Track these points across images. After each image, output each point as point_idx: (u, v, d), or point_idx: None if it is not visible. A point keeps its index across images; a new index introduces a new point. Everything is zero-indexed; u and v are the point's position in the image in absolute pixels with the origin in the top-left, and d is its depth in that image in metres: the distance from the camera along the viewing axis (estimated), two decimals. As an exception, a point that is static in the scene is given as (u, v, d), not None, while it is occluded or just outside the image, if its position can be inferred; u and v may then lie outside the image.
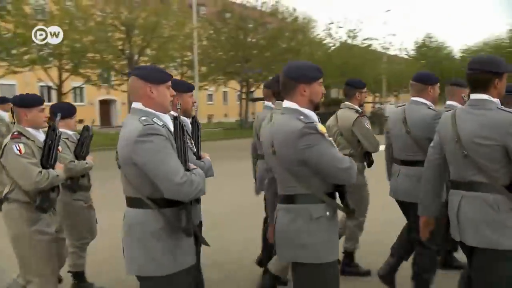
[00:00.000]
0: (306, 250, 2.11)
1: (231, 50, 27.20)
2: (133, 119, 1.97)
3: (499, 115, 2.24)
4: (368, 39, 35.43)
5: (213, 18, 28.31)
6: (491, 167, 2.25)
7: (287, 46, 28.12)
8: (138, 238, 1.96)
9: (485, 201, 2.25)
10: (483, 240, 2.23)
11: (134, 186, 1.99)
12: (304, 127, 2.03)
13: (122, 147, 1.97)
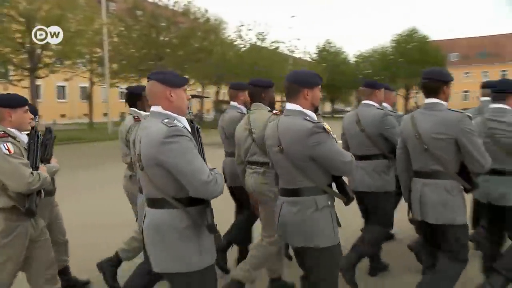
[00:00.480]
0: (317, 236, 2.32)
1: (144, 48, 26.31)
2: (155, 121, 2.00)
3: (449, 114, 2.69)
4: (276, 42, 36.78)
5: (123, 14, 27.10)
6: (446, 158, 2.68)
7: (199, 45, 27.97)
8: (166, 237, 1.97)
9: (442, 187, 2.69)
10: (442, 218, 2.68)
11: (158, 187, 1.98)
12: (314, 126, 2.25)
13: (146, 149, 1.97)
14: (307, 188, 2.34)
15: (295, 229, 2.36)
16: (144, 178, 2.05)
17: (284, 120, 2.40)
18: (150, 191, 2.04)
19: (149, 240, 2.05)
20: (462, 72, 58.88)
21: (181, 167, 1.90)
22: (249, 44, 34.80)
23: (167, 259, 1.99)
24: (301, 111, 2.36)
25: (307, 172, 2.32)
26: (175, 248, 1.96)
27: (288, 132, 2.32)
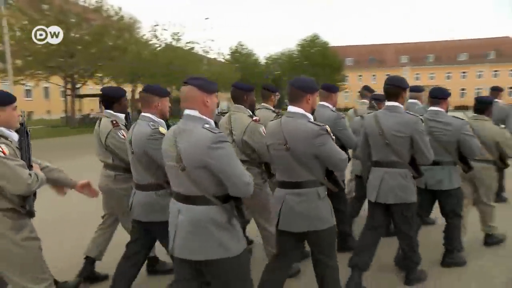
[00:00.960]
0: (320, 220, 2.64)
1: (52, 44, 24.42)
2: (195, 125, 2.13)
3: (407, 116, 3.19)
4: (191, 43, 36.72)
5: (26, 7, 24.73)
6: (402, 151, 3.20)
7: (113, 44, 26.81)
8: (208, 229, 2.13)
9: (399, 174, 3.21)
10: (398, 198, 3.23)
11: (200, 186, 2.12)
12: (320, 129, 2.52)
13: (190, 152, 2.08)
14: (310, 181, 2.61)
15: (299, 216, 2.61)
16: (182, 178, 2.14)
17: (289, 121, 2.62)
18: (189, 189, 2.14)
19: (187, 232, 2.17)
20: (356, 75, 64.62)
21: (228, 170, 2.09)
22: (164, 43, 34.24)
23: (209, 248, 2.14)
24: (304, 114, 2.62)
25: (310, 168, 2.59)
26: (216, 238, 2.14)
27: (296, 133, 2.54)
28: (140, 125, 2.81)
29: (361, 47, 68.81)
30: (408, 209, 3.30)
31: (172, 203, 2.29)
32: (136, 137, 2.78)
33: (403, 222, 3.33)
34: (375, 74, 64.21)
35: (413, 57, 63.75)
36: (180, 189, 2.20)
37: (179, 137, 2.14)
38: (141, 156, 2.77)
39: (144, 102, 2.93)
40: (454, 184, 3.69)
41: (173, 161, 2.17)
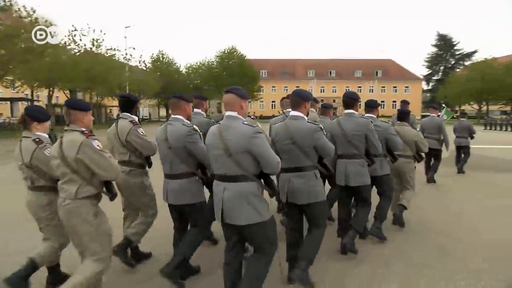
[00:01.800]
0: (317, 194, 3.27)
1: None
2: (238, 122, 2.69)
3: (362, 120, 4.01)
4: (112, 50, 35.53)
5: None
6: (360, 146, 3.99)
7: (26, 46, 24.58)
8: (249, 200, 2.64)
9: (357, 163, 4.00)
10: (359, 181, 4.01)
11: (243, 167, 2.63)
12: (317, 127, 3.23)
13: (236, 142, 2.61)
14: (309, 166, 3.27)
15: (303, 192, 3.23)
16: (228, 162, 2.63)
17: (293, 123, 3.29)
18: (233, 170, 2.64)
19: (233, 203, 2.64)
20: (270, 86, 67.56)
21: (265, 153, 2.62)
22: (83, 49, 32.63)
23: (252, 214, 2.63)
24: (303, 116, 3.31)
25: (309, 155, 3.25)
26: (256, 207, 2.65)
27: (300, 130, 3.21)
28: (175, 126, 3.27)
29: (274, 61, 71.89)
30: (365, 190, 4.14)
31: (216, 184, 2.78)
32: (173, 135, 3.23)
33: (363, 201, 4.18)
34: (287, 86, 67.85)
35: (318, 72, 68.49)
36: (225, 171, 2.68)
37: (225, 132, 2.67)
38: (178, 150, 3.21)
39: (174, 106, 3.40)
40: (385, 171, 4.48)
41: (220, 150, 2.67)
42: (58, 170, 2.74)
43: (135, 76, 40.26)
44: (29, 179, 3.09)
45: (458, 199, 6.69)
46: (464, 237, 4.64)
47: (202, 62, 54.41)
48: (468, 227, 5.08)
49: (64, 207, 2.70)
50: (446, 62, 69.96)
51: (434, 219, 5.46)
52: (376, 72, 68.63)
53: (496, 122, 33.61)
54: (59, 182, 2.78)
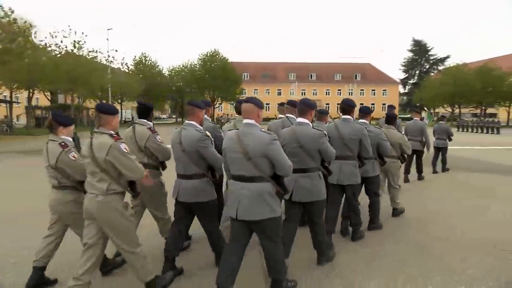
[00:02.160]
0: (319, 193, 3.61)
1: None
2: (256, 129, 2.95)
3: (357, 125, 4.27)
4: (94, 52, 34.83)
5: None
6: (354, 149, 4.24)
7: (4, 47, 23.85)
8: (264, 198, 2.92)
9: (351, 164, 4.25)
10: (350, 180, 4.26)
11: (260, 169, 2.90)
12: (322, 133, 3.56)
13: (255, 147, 2.87)
14: (314, 167, 3.60)
15: (308, 191, 3.57)
16: (247, 164, 2.89)
17: (299, 128, 3.61)
18: (251, 172, 2.90)
19: (249, 201, 2.90)
20: (252, 88, 67.57)
21: (280, 158, 2.89)
22: (64, 51, 31.82)
23: (266, 210, 2.91)
24: (308, 123, 3.64)
25: (314, 158, 3.58)
26: (270, 204, 2.92)
27: (306, 136, 3.53)
28: (188, 131, 3.47)
29: (256, 64, 72.10)
30: (356, 188, 4.46)
31: (232, 183, 3.03)
32: (187, 139, 3.42)
33: (353, 198, 4.44)
34: (269, 89, 68.12)
35: (299, 75, 69.08)
36: (244, 172, 2.94)
37: (244, 138, 2.93)
38: (191, 153, 3.41)
39: (189, 113, 3.57)
40: (376, 172, 4.88)
41: (238, 154, 2.92)
42: (88, 168, 2.95)
43: (117, 78, 39.59)
44: (55, 179, 3.28)
45: (436, 198, 6.85)
46: (442, 235, 4.76)
47: (184, 65, 53.96)
48: (445, 225, 5.21)
49: (96, 201, 2.88)
50: (421, 66, 71.70)
51: (413, 217, 5.59)
52: (355, 75, 69.61)
53: (468, 124, 34.66)
54: (89, 179, 2.97)
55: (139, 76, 45.49)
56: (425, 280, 3.50)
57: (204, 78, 49.98)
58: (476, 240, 4.57)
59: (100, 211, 2.88)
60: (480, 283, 3.44)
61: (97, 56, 35.64)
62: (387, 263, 3.91)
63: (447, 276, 3.58)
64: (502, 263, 3.88)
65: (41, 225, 3.64)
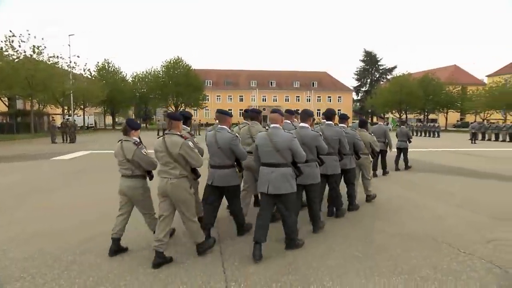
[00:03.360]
0: (316, 178, 4.68)
1: None
2: (281, 131, 4.08)
3: (337, 128, 5.38)
4: (54, 57, 33.15)
5: None
6: (336, 147, 5.31)
7: None
8: (287, 178, 4.03)
9: (333, 158, 5.33)
10: (335, 170, 5.40)
11: (285, 158, 4.02)
12: (318, 134, 4.63)
13: (282, 143, 3.98)
14: (313, 158, 4.61)
15: (308, 176, 4.50)
16: (275, 155, 3.99)
17: (302, 130, 4.64)
18: (279, 160, 4.00)
19: (277, 181, 3.97)
20: (215, 95, 67.41)
21: (298, 150, 4.04)
22: (23, 56, 30.03)
23: (288, 186, 4.02)
24: (308, 127, 4.69)
25: (313, 152, 4.61)
26: (291, 182, 4.06)
27: (307, 136, 4.56)
28: (222, 133, 4.34)
29: (219, 71, 72.02)
30: (337, 177, 5.56)
31: (263, 169, 4.10)
32: (221, 139, 4.31)
33: (335, 184, 5.54)
34: (231, 95, 68.20)
35: (260, 82, 69.77)
36: (273, 160, 4.03)
37: (273, 137, 4.03)
38: (225, 150, 4.32)
39: (220, 119, 4.50)
40: (352, 165, 5.92)
41: (270, 147, 4.01)
42: (162, 160, 3.83)
43: (79, 84, 37.91)
44: (129, 170, 4.11)
45: (384, 196, 7.14)
46: (388, 230, 5.01)
47: (148, 72, 52.82)
48: (392, 220, 5.49)
49: (170, 183, 3.77)
50: (372, 75, 74.76)
51: (368, 214, 5.83)
52: (313, 83, 71.39)
53: (413, 128, 36.62)
54: (163, 168, 3.84)
55: (102, 82, 43.79)
56: (372, 271, 3.68)
57: (168, 84, 49.23)
58: (417, 233, 4.87)
59: (173, 190, 3.78)
60: (420, 271, 3.67)
61: (58, 62, 33.99)
62: (340, 259, 4.04)
63: (392, 267, 3.79)
64: (440, 254, 4.17)
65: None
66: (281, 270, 3.72)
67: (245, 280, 3.48)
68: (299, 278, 3.54)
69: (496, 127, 28.87)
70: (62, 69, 35.32)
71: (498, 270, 3.72)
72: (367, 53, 73.93)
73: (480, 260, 3.97)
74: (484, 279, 3.52)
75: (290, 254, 4.12)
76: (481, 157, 14.90)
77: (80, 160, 13.56)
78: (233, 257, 4.06)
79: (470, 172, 10.60)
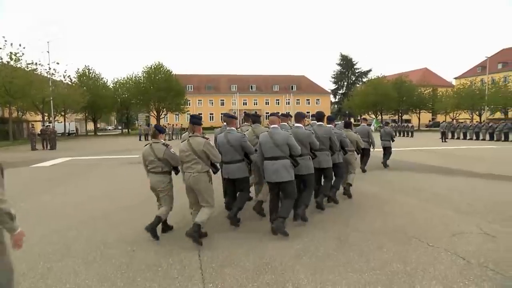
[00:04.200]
0: (310, 169, 5.29)
1: None
2: (278, 130, 4.86)
3: (327, 128, 6.14)
4: (33, 64, 32.17)
5: None
6: (326, 143, 5.99)
7: None
8: (286, 168, 4.76)
9: (325, 153, 5.99)
10: (327, 164, 6.01)
11: (284, 151, 4.76)
12: (310, 132, 5.32)
13: (281, 139, 4.75)
14: (306, 153, 5.26)
15: (304, 167, 5.15)
16: (275, 149, 4.75)
17: (297, 129, 5.31)
18: (278, 153, 4.76)
19: (279, 170, 4.73)
20: (196, 99, 66.98)
21: (293, 144, 4.79)
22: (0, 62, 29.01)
23: (288, 175, 4.76)
24: (302, 126, 5.38)
25: (307, 147, 5.28)
26: (290, 171, 4.79)
27: (301, 134, 5.24)
28: (232, 134, 5.11)
29: (200, 76, 71.57)
30: (330, 170, 6.17)
31: (267, 163, 4.83)
32: (232, 138, 5.08)
33: (328, 174, 6.15)
34: (212, 99, 67.94)
35: (241, 86, 69.73)
36: (274, 154, 4.78)
37: (273, 135, 4.81)
38: (236, 147, 5.07)
39: (228, 122, 5.28)
40: (340, 160, 6.51)
41: (271, 144, 4.78)
42: (188, 157, 4.50)
43: (59, 90, 36.85)
44: (159, 167, 4.77)
45: (361, 194, 7.23)
46: (361, 227, 5.11)
47: (129, 77, 51.98)
48: (365, 218, 5.59)
49: (193, 177, 4.46)
50: (348, 78, 76.10)
51: (342, 212, 5.92)
52: (292, 86, 71.93)
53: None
54: (188, 164, 4.52)
55: (83, 88, 42.73)
56: (346, 268, 3.74)
57: (149, 90, 48.54)
58: (389, 229, 4.99)
59: (195, 182, 4.46)
60: (391, 266, 3.76)
61: (37, 69, 33.02)
62: (312, 257, 4.08)
63: (364, 263, 3.86)
64: (409, 248, 4.28)
65: None
66: (258, 270, 3.74)
67: (222, 281, 3.48)
68: (275, 277, 3.56)
69: (464, 126, 30.00)
70: (41, 75, 34.32)
71: (462, 261, 3.85)
72: (343, 57, 75.22)
73: (446, 252, 4.11)
74: (449, 270, 3.64)
75: (267, 255, 4.13)
76: (449, 155, 15.39)
77: (60, 167, 13.19)
78: (211, 258, 4.04)
79: (439, 169, 10.95)
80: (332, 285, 3.37)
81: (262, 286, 3.37)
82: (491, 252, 4.10)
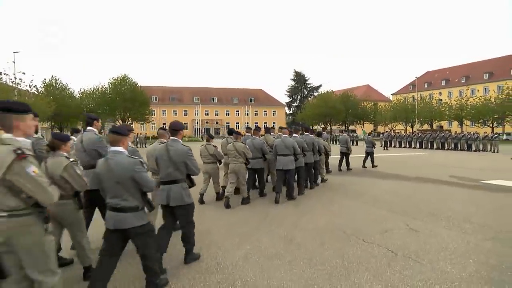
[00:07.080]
0: (301, 164, 7.47)
1: None
2: (287, 138, 7.08)
3: (311, 136, 8.62)
4: (-3, 74, 29.63)
5: None
6: (310, 147, 8.21)
7: None
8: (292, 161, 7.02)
9: (310, 155, 8.14)
10: (310, 160, 8.17)
11: (290, 151, 6.99)
12: (296, 140, 7.27)
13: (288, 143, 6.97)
14: (290, 154, 6.95)
15: (289, 163, 6.95)
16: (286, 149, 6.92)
17: (284, 138, 7.03)
18: (287, 152, 6.95)
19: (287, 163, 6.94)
20: (161, 110, 65.28)
21: (296, 147, 7.07)
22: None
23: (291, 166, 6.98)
24: (288, 136, 7.17)
25: (291, 151, 6.94)
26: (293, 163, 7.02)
27: (288, 142, 6.98)
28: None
29: (164, 88, 69.94)
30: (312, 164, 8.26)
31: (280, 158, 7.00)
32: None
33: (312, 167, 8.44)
34: (176, 110, 66.60)
35: (203, 98, 68.96)
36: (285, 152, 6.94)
37: (285, 141, 6.95)
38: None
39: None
40: (313, 160, 8.28)
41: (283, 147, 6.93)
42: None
43: (25, 100, 34.26)
44: (211, 159, 6.64)
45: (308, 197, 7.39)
46: (310, 226, 5.21)
47: (96, 88, 49.58)
48: (310, 219, 5.68)
49: (238, 165, 6.56)
50: (301, 92, 78.11)
51: (290, 213, 5.98)
52: (250, 99, 72.47)
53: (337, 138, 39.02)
54: (231, 158, 6.62)
55: (49, 98, 40.07)
56: (291, 265, 3.78)
57: (115, 100, 46.60)
58: (331, 228, 5.13)
59: (237, 168, 6.49)
60: (331, 261, 3.87)
61: (2, 78, 30.53)
62: (261, 257, 4.09)
63: (308, 260, 3.93)
64: (348, 244, 4.44)
65: None
66: (209, 269, 3.69)
67: (177, 281, 3.38)
68: (225, 276, 3.52)
69: (399, 136, 32.29)
70: (6, 85, 31.79)
71: (391, 254, 4.06)
72: (297, 73, 77.16)
73: (379, 247, 4.31)
74: (380, 262, 3.83)
75: (219, 256, 4.09)
76: (389, 161, 16.25)
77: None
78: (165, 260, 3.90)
79: (377, 174, 11.52)
80: (277, 281, 3.40)
81: (213, 285, 3.32)
82: (413, 245, 4.39)
